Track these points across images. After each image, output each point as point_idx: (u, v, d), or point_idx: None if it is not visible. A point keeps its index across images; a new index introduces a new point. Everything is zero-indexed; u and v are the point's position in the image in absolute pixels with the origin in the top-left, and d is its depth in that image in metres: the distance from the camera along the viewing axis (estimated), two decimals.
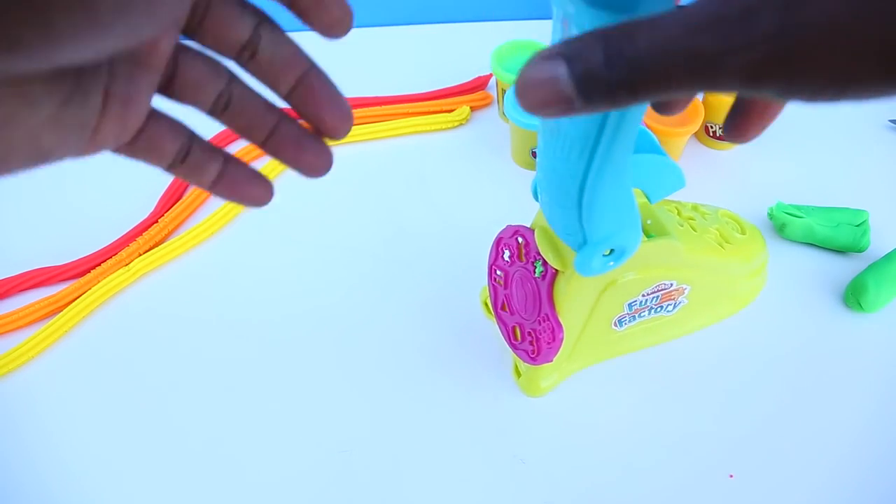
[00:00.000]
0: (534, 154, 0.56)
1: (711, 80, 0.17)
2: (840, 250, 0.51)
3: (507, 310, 0.42)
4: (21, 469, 0.41)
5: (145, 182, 0.57)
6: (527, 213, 0.54)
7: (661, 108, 0.23)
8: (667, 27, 0.17)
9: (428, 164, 0.59)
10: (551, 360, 0.39)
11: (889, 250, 0.48)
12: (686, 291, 0.42)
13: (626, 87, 0.18)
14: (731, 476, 0.41)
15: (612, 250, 0.33)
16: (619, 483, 0.40)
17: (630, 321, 0.42)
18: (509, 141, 0.59)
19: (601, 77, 0.18)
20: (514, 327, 0.42)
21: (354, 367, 0.46)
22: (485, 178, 0.58)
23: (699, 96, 0.57)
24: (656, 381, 0.45)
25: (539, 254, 0.37)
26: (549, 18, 0.80)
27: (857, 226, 0.50)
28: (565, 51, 0.18)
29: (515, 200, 0.56)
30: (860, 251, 0.50)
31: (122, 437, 0.42)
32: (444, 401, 0.44)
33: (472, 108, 0.63)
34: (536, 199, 0.37)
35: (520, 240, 0.40)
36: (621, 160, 0.27)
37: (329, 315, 0.49)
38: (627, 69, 0.17)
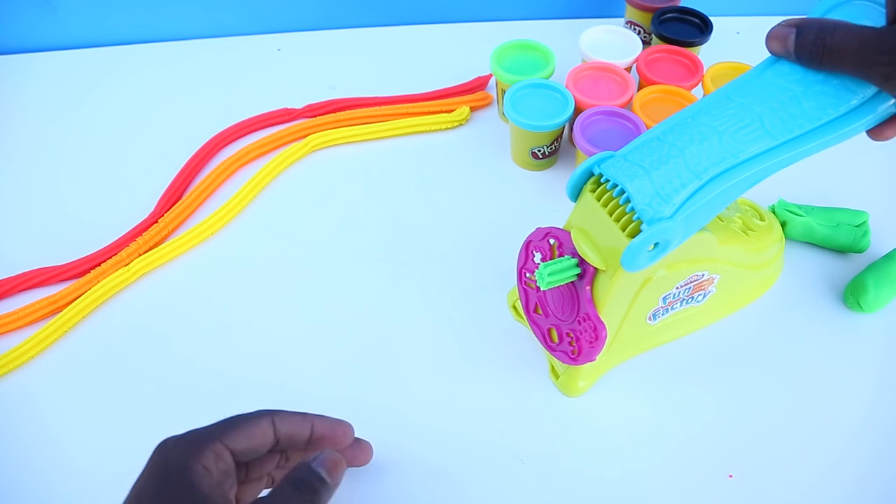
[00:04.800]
0: (534, 154, 0.56)
1: (865, 72, 0.31)
2: (840, 250, 0.51)
3: (541, 312, 0.42)
4: (21, 469, 0.41)
5: (145, 182, 0.57)
6: (527, 213, 0.54)
7: (873, 133, 0.34)
8: (851, 36, 0.31)
9: (428, 164, 0.59)
10: (594, 360, 0.39)
11: (889, 251, 0.49)
12: (715, 281, 0.43)
13: (817, 56, 0.33)
14: (731, 476, 0.41)
15: (655, 245, 0.33)
16: (618, 483, 0.40)
17: (663, 314, 0.43)
18: (509, 141, 0.59)
19: (807, 47, 0.33)
20: (549, 329, 0.42)
21: (353, 367, 0.46)
22: (485, 178, 0.58)
23: (700, 94, 0.57)
24: (655, 382, 0.45)
25: (575, 254, 0.38)
26: (549, 18, 0.80)
27: (857, 226, 0.50)
28: (799, 24, 0.33)
29: (516, 200, 0.56)
30: (860, 252, 0.50)
31: (122, 437, 0.42)
32: (444, 401, 0.44)
33: (472, 108, 0.63)
34: (573, 199, 0.38)
35: (552, 241, 0.40)
36: (758, 178, 0.34)
37: (328, 315, 0.49)
38: (822, 48, 0.32)
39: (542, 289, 0.37)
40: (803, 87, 0.34)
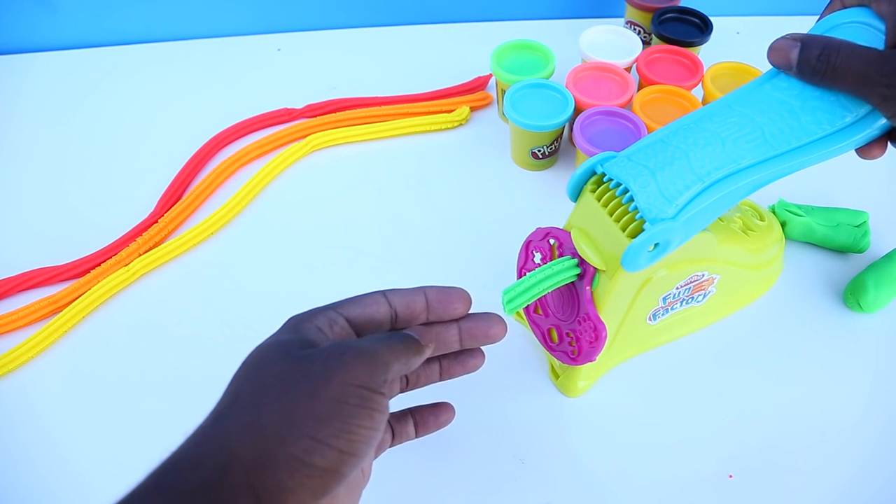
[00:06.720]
0: (534, 154, 0.56)
1: (864, 92, 0.33)
2: (840, 250, 0.51)
3: (541, 312, 0.42)
4: (21, 469, 0.41)
5: (145, 182, 0.57)
6: (527, 213, 0.54)
7: (862, 151, 0.35)
8: (854, 55, 0.32)
9: (428, 164, 0.59)
10: (594, 360, 0.39)
11: (889, 251, 0.49)
12: (715, 281, 0.43)
13: (819, 72, 0.33)
14: (731, 476, 0.41)
15: (655, 245, 0.33)
16: (618, 483, 0.40)
17: (663, 314, 0.43)
18: (509, 141, 0.59)
19: (811, 62, 0.33)
20: (549, 329, 0.42)
21: None
22: (485, 178, 0.58)
23: (699, 99, 0.57)
24: (654, 382, 0.45)
25: (575, 254, 0.38)
26: (549, 18, 0.80)
27: (857, 227, 0.50)
28: (804, 40, 0.34)
29: (516, 200, 0.56)
30: (860, 252, 0.50)
31: (122, 437, 0.42)
32: (441, 396, 0.44)
33: (472, 108, 0.63)
34: (573, 199, 0.38)
35: (552, 241, 0.40)
36: (756, 186, 0.35)
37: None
38: (826, 65, 0.33)
39: (507, 314, 0.37)
40: (801, 101, 0.35)
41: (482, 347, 0.37)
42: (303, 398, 0.27)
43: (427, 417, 0.37)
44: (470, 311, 0.35)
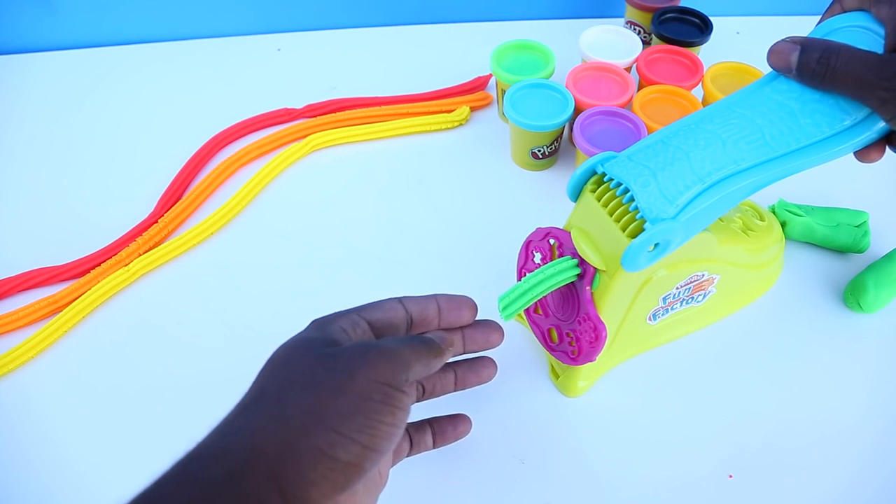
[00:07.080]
0: (534, 154, 0.56)
1: (863, 95, 0.33)
2: (840, 250, 0.51)
3: (541, 313, 0.42)
4: (21, 469, 0.41)
5: (145, 182, 0.57)
6: (527, 213, 0.54)
7: (860, 154, 0.35)
8: (854, 59, 0.33)
9: (428, 164, 0.59)
10: (594, 360, 0.39)
11: (889, 251, 0.49)
12: (715, 281, 0.43)
13: (819, 76, 0.34)
14: (731, 476, 0.41)
15: (655, 245, 0.33)
16: (618, 483, 0.40)
17: (663, 314, 0.43)
18: (509, 141, 0.59)
19: (811, 65, 0.34)
20: (549, 329, 0.42)
21: None
22: (485, 178, 0.58)
23: (699, 99, 0.57)
24: (654, 382, 0.45)
25: (575, 254, 0.38)
26: (550, 18, 0.79)
27: (857, 226, 0.50)
28: (804, 43, 0.34)
29: (516, 200, 0.56)
30: (860, 252, 0.50)
31: (122, 438, 0.42)
32: (443, 401, 0.44)
33: (472, 108, 0.63)
34: (573, 199, 0.38)
35: (552, 241, 0.40)
36: (756, 187, 0.35)
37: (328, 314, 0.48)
38: (826, 68, 0.33)
39: (504, 320, 0.37)
40: (800, 104, 0.35)
41: (495, 360, 0.39)
42: (328, 393, 0.27)
43: (445, 428, 0.38)
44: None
